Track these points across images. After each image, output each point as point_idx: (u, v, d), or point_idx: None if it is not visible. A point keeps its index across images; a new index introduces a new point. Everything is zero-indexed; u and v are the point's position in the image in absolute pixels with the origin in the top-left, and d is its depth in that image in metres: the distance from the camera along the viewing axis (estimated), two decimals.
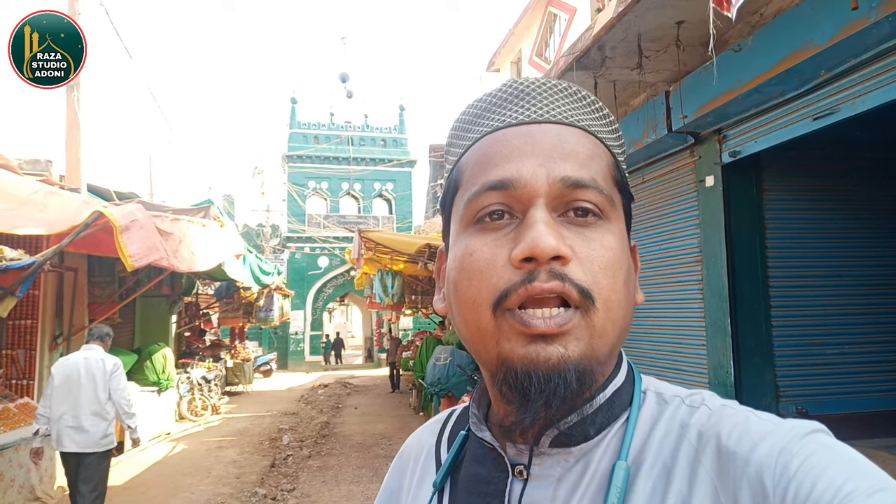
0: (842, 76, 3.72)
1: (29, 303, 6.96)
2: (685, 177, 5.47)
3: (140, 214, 5.61)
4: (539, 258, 0.49)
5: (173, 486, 6.88)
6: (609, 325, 0.51)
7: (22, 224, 5.20)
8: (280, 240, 26.87)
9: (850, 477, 0.43)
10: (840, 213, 5.34)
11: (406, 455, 0.74)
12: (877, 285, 5.32)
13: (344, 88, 28.60)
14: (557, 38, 12.87)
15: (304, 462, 8.18)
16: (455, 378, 7.41)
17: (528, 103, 0.57)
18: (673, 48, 4.56)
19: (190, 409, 11.23)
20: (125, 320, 9.69)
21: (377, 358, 26.38)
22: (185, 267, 6.58)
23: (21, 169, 6.84)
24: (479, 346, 0.54)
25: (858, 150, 5.30)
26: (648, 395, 0.58)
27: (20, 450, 5.66)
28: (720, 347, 4.93)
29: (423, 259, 8.59)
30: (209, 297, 15.33)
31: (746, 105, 4.42)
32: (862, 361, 5.24)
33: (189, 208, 8.93)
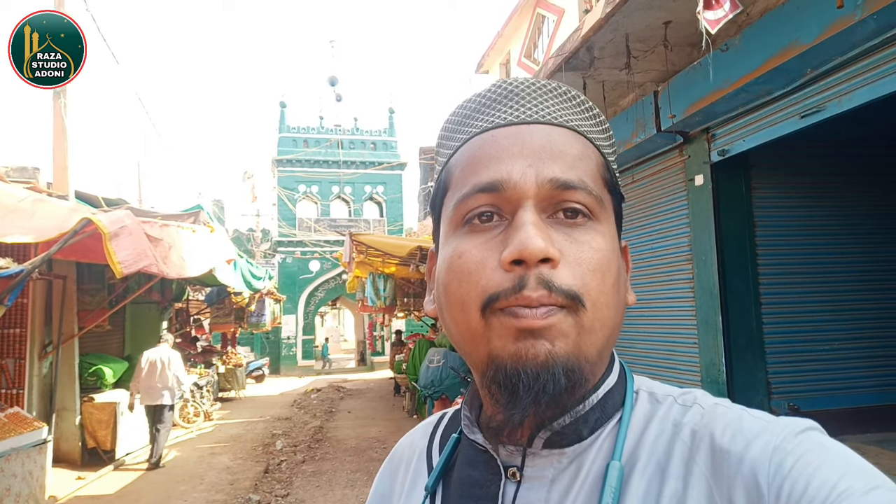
0: (828, 74, 3.75)
1: (18, 311, 6.91)
2: (675, 176, 5.49)
3: (129, 221, 5.57)
4: (528, 261, 0.49)
5: (166, 494, 6.83)
6: (597, 325, 0.51)
7: (9, 232, 5.15)
8: (271, 244, 26.77)
9: (844, 475, 0.43)
10: (829, 210, 5.37)
11: (397, 458, 0.73)
12: (866, 281, 5.37)
13: (333, 92, 28.51)
14: (546, 39, 12.91)
15: (297, 467, 8.15)
16: (448, 380, 7.41)
17: (517, 104, 0.57)
18: (661, 48, 4.59)
19: (182, 415, 11.16)
20: (115, 327, 9.63)
21: (370, 361, 26.33)
22: (175, 273, 6.54)
23: (8, 177, 6.79)
24: (469, 346, 0.54)
25: (846, 148, 5.34)
26: (641, 394, 0.58)
27: (11, 460, 5.60)
28: (712, 345, 4.95)
29: (415, 262, 8.59)
30: (200, 303, 15.24)
31: (734, 104, 4.45)
32: (852, 357, 5.28)
33: (178, 214, 8.88)
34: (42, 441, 6.17)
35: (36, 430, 6.11)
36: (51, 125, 7.65)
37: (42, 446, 6.15)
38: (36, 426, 6.16)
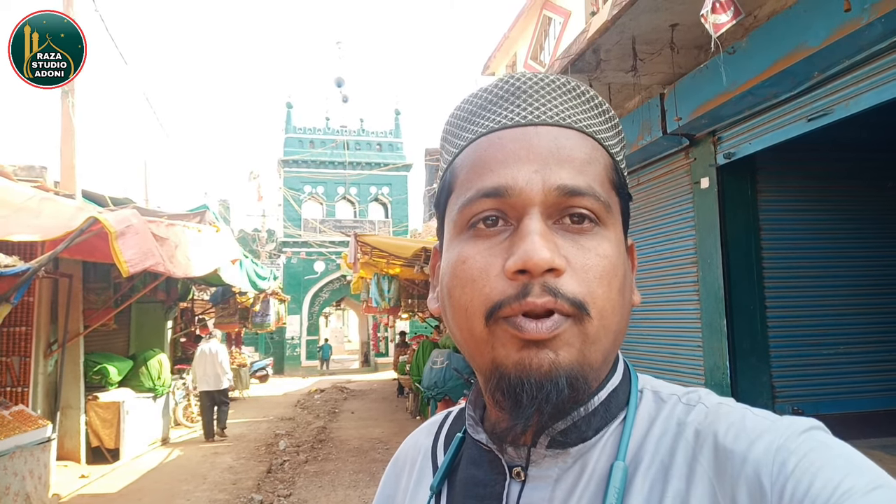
0: (835, 77, 3.74)
1: (24, 309, 6.93)
2: (680, 179, 5.48)
3: (135, 220, 5.59)
4: (532, 271, 0.48)
5: (169, 493, 6.84)
6: (602, 333, 0.51)
7: (16, 230, 5.18)
8: (276, 244, 26.81)
9: (847, 474, 0.42)
10: (835, 214, 5.35)
11: (402, 459, 0.73)
12: (871, 285, 5.34)
13: (339, 93, 28.57)
14: (552, 41, 12.91)
15: (300, 467, 8.15)
16: (452, 382, 7.40)
17: (524, 102, 0.56)
18: (667, 51, 4.58)
19: (185, 415, 11.17)
20: (120, 326, 9.65)
21: (374, 362, 26.33)
22: (180, 272, 6.55)
23: (15, 175, 6.81)
24: (474, 351, 0.53)
25: (853, 151, 5.32)
26: (645, 393, 0.57)
27: (15, 457, 5.62)
28: (716, 349, 4.94)
29: (420, 263, 8.58)
30: (205, 303, 15.25)
31: (741, 107, 4.44)
32: (857, 361, 5.26)
33: (184, 213, 8.90)
34: (46, 439, 6.19)
35: (40, 427, 6.13)
36: (59, 124, 7.69)
37: (46, 444, 6.17)
38: (40, 424, 6.18)
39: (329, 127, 27.20)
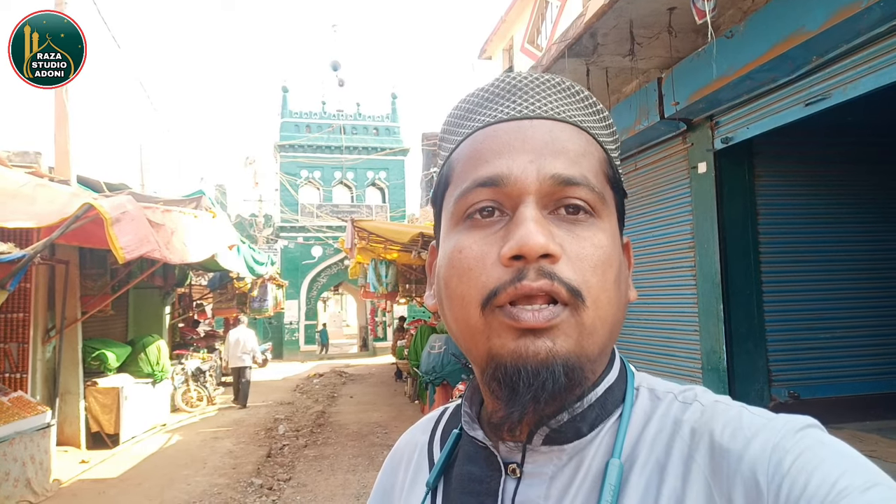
0: (833, 62, 3.73)
1: (21, 296, 6.93)
2: (678, 163, 5.47)
3: (130, 206, 5.57)
4: (528, 256, 0.49)
5: (169, 478, 6.89)
6: (598, 323, 0.51)
7: (11, 217, 5.16)
8: (273, 230, 26.75)
9: (844, 472, 0.43)
10: (832, 199, 5.36)
11: (399, 454, 0.74)
12: (868, 270, 5.36)
13: (335, 77, 28.30)
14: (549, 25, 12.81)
15: (300, 451, 8.20)
16: (450, 366, 7.43)
17: (520, 98, 0.56)
18: (665, 34, 4.56)
19: (185, 400, 11.22)
20: (118, 312, 9.66)
21: (372, 346, 26.40)
22: (177, 258, 6.55)
23: (10, 161, 6.79)
24: (469, 342, 0.53)
25: (850, 136, 5.32)
26: (641, 391, 0.58)
27: (15, 443, 5.65)
28: (713, 333, 4.96)
29: (417, 248, 8.58)
30: (203, 288, 15.26)
31: (738, 91, 4.42)
32: (853, 345, 5.29)
33: (180, 199, 8.87)
34: (46, 425, 6.22)
35: (40, 413, 6.16)
36: (52, 110, 7.64)
37: (46, 430, 6.21)
38: (40, 410, 6.21)
39: (325, 111, 27.00)
